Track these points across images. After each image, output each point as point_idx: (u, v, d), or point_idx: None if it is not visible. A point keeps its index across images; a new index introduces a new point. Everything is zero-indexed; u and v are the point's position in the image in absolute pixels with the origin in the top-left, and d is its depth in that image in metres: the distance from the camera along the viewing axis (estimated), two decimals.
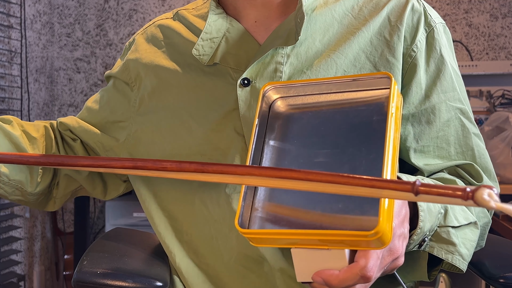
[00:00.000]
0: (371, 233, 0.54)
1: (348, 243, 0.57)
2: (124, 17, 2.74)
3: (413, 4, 0.83)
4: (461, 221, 0.75)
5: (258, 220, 0.62)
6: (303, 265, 0.61)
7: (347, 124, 0.65)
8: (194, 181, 0.82)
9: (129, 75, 0.93)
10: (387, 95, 0.65)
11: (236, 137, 0.80)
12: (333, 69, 0.80)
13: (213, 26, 0.84)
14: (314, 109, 0.68)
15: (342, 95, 0.68)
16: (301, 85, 0.69)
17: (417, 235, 0.69)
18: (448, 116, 0.82)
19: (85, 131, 0.95)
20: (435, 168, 0.82)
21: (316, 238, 0.57)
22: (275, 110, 0.70)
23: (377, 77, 0.66)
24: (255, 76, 0.80)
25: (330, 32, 0.82)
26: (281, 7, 0.85)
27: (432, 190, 0.45)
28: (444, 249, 0.73)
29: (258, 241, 0.60)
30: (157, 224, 0.88)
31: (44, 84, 2.69)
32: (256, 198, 0.64)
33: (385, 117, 0.62)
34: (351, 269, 0.58)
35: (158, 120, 0.87)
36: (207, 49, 0.84)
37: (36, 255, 2.58)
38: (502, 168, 2.12)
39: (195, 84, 0.86)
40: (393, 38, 0.81)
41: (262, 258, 0.78)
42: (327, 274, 0.59)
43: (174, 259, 0.86)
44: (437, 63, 0.82)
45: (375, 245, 0.56)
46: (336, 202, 0.60)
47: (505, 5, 2.53)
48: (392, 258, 0.63)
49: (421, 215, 0.68)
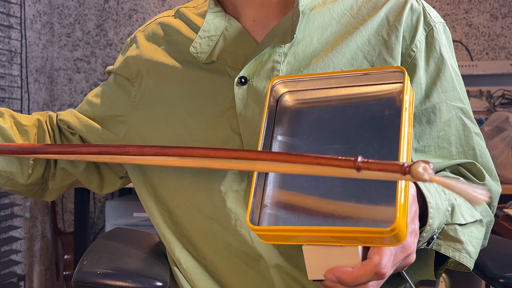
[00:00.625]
0: (388, 230, 0.53)
1: (362, 240, 0.56)
2: (124, 17, 2.74)
3: (412, 3, 0.83)
4: (468, 219, 0.75)
5: (268, 216, 0.61)
6: (315, 263, 0.59)
7: (358, 118, 0.64)
8: (186, 178, 0.83)
9: (129, 70, 0.94)
10: (398, 89, 0.64)
11: (232, 136, 0.80)
12: (330, 68, 0.80)
13: (211, 24, 0.85)
14: (324, 103, 0.67)
15: (352, 90, 0.67)
16: (310, 79, 0.68)
17: (426, 232, 0.68)
18: (449, 115, 0.82)
19: (84, 126, 0.95)
20: (437, 167, 0.82)
21: (329, 235, 0.56)
22: (283, 104, 0.69)
23: (389, 71, 0.65)
24: (252, 74, 0.80)
25: (328, 31, 0.82)
26: (280, 6, 0.85)
27: (372, 166, 0.49)
28: (451, 247, 0.73)
29: (269, 238, 0.59)
30: (155, 217, 0.88)
31: (44, 84, 2.69)
32: (266, 195, 0.63)
33: (397, 112, 0.61)
34: (364, 266, 0.57)
35: (156, 116, 0.87)
36: (205, 47, 0.84)
37: (36, 255, 2.58)
38: (502, 168, 2.12)
39: (193, 82, 0.86)
40: (391, 38, 0.81)
41: (258, 255, 0.78)
42: (340, 271, 0.58)
43: (173, 251, 0.86)
44: (437, 62, 0.82)
45: (390, 241, 0.55)
46: (349, 198, 0.59)
47: (505, 5, 2.53)
48: (404, 255, 0.62)
49: (430, 211, 0.67)
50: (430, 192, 0.69)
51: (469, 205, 0.77)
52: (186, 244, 0.86)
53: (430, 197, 0.68)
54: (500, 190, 0.85)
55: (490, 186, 0.83)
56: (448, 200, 0.73)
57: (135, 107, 0.91)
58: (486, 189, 0.49)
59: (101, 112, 0.96)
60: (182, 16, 0.93)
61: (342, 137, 0.63)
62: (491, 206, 0.84)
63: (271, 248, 0.78)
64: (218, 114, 0.82)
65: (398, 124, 0.60)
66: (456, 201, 0.74)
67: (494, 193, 0.84)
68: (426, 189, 0.68)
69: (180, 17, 0.94)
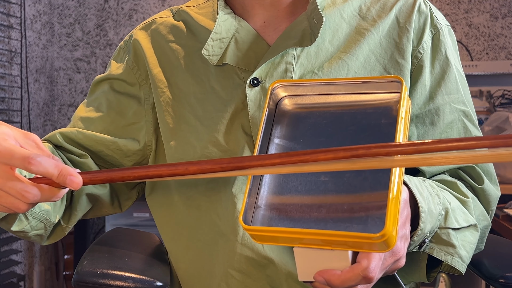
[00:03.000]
0: (377, 236, 0.54)
1: (352, 245, 0.57)
2: (124, 17, 2.74)
3: (419, 4, 0.84)
4: (462, 223, 0.75)
5: (261, 217, 0.62)
6: (305, 264, 0.60)
7: (355, 126, 0.65)
8: (200, 185, 0.82)
9: (138, 73, 0.90)
10: (396, 99, 0.64)
11: (244, 138, 0.80)
12: (344, 70, 0.80)
13: (223, 26, 0.83)
14: (322, 109, 0.68)
15: (350, 97, 0.67)
16: (309, 84, 0.69)
17: (417, 236, 0.69)
18: (452, 118, 0.82)
19: (94, 141, 0.88)
20: (437, 170, 0.82)
21: (320, 238, 0.57)
22: (282, 108, 0.69)
23: (388, 81, 0.66)
24: (264, 76, 0.80)
25: (339, 33, 0.82)
26: (290, 7, 0.84)
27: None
28: (444, 251, 0.73)
29: (261, 238, 0.60)
30: (164, 233, 0.88)
31: (44, 84, 2.69)
32: (260, 195, 0.63)
33: (393, 121, 0.61)
34: (353, 269, 0.58)
35: (168, 121, 0.86)
36: (217, 49, 0.83)
37: (36, 255, 2.58)
38: (502, 168, 2.12)
39: (202, 83, 0.85)
40: (402, 39, 0.81)
41: (268, 260, 0.77)
42: (329, 274, 0.59)
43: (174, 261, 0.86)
44: (442, 65, 0.82)
45: (379, 247, 0.56)
46: (341, 202, 0.59)
47: (505, 5, 2.53)
48: (394, 260, 0.63)
49: (422, 216, 0.67)
50: (423, 197, 0.69)
51: (464, 209, 0.77)
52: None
53: (422, 202, 0.68)
54: (499, 195, 0.85)
55: (489, 191, 0.83)
56: (442, 204, 0.73)
57: (151, 110, 0.88)
58: None
59: (108, 124, 0.89)
60: (186, 16, 0.90)
61: (339, 143, 0.64)
62: (489, 210, 0.84)
63: (283, 254, 0.77)
64: (229, 117, 0.81)
65: (393, 133, 0.61)
66: (450, 205, 0.74)
67: (492, 198, 0.84)
68: (419, 193, 0.68)
69: (183, 17, 0.91)
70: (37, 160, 0.61)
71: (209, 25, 0.86)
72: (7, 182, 0.62)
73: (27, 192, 0.63)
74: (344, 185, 0.60)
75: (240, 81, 0.82)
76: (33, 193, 0.63)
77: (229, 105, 0.82)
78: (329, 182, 0.61)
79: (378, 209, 0.57)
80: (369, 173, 0.60)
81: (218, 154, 0.80)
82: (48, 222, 0.81)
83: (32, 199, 0.63)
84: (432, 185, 0.75)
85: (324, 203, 0.60)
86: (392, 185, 0.56)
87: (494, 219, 1.70)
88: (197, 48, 0.86)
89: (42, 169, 0.61)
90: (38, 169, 0.61)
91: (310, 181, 0.62)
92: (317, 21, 0.78)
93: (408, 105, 0.65)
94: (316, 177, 0.62)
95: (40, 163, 0.61)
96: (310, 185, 0.62)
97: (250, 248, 0.77)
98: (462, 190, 0.80)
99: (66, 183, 0.63)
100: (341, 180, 0.61)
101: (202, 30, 0.87)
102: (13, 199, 0.63)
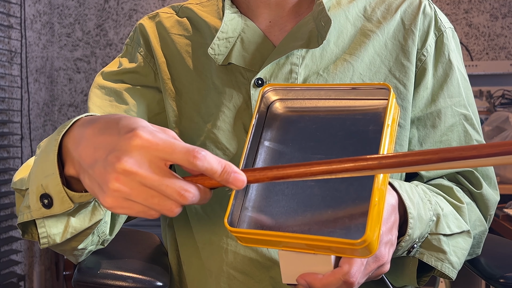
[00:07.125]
0: (358, 242, 0.54)
1: (334, 250, 0.57)
2: (124, 17, 2.74)
3: (425, 6, 0.84)
4: (454, 229, 0.75)
5: (247, 219, 0.62)
6: (289, 267, 0.61)
7: (344, 131, 0.66)
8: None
9: (152, 61, 0.88)
10: (384, 105, 0.65)
11: (245, 137, 0.79)
12: (349, 72, 0.80)
13: (229, 26, 0.83)
14: (312, 113, 0.69)
15: (340, 102, 0.68)
16: (300, 89, 0.70)
17: (405, 241, 0.69)
18: (453, 121, 0.82)
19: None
20: (434, 174, 0.82)
21: (303, 242, 0.57)
22: (273, 111, 0.70)
23: (376, 88, 0.66)
24: (269, 76, 0.80)
25: (344, 34, 0.82)
26: (295, 7, 0.84)
27: None
28: (434, 257, 0.74)
29: (246, 240, 0.61)
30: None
31: (44, 84, 2.69)
32: (247, 197, 0.64)
33: (381, 128, 0.62)
34: (334, 274, 0.58)
35: (170, 115, 0.86)
36: (223, 49, 0.82)
37: (36, 255, 2.58)
38: (502, 168, 2.12)
39: (205, 81, 0.85)
40: (407, 42, 0.81)
41: (272, 262, 0.77)
42: (311, 277, 0.59)
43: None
44: (445, 68, 0.82)
45: (361, 253, 0.56)
46: (326, 208, 0.60)
47: (505, 5, 2.53)
48: (377, 265, 0.63)
49: (410, 222, 0.68)
50: (413, 202, 0.69)
51: (458, 215, 0.77)
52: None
53: (411, 207, 0.68)
54: (498, 199, 0.85)
55: (488, 196, 0.83)
56: (434, 210, 0.73)
57: (166, 98, 0.86)
58: None
59: (141, 116, 0.86)
60: (190, 13, 0.90)
61: (327, 148, 0.65)
62: (488, 215, 0.84)
63: None
64: (231, 116, 0.81)
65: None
66: (442, 211, 0.74)
67: (491, 202, 0.83)
68: (408, 199, 0.68)
69: (187, 14, 0.90)
70: (203, 154, 0.51)
71: (214, 22, 0.86)
72: (164, 179, 0.51)
73: (187, 192, 0.52)
74: (330, 190, 0.61)
75: (244, 80, 0.82)
76: (193, 193, 0.53)
77: (230, 103, 0.82)
78: (315, 187, 0.62)
79: (361, 216, 0.58)
80: (354, 180, 0.61)
81: (215, 151, 0.80)
82: (104, 235, 0.76)
83: (190, 200, 0.53)
84: (425, 191, 0.75)
85: (309, 208, 0.61)
86: (374, 192, 0.56)
87: (494, 219, 1.70)
88: (201, 44, 0.85)
89: (207, 164, 0.51)
90: (204, 164, 0.51)
91: (297, 184, 0.63)
92: (325, 23, 0.78)
93: (396, 112, 0.66)
94: (303, 181, 0.62)
95: (205, 157, 0.51)
96: (297, 189, 0.62)
97: (254, 250, 0.78)
98: (457, 196, 0.79)
99: (229, 182, 0.53)
100: (327, 185, 0.61)
101: (207, 26, 0.86)
102: (166, 199, 0.52)
